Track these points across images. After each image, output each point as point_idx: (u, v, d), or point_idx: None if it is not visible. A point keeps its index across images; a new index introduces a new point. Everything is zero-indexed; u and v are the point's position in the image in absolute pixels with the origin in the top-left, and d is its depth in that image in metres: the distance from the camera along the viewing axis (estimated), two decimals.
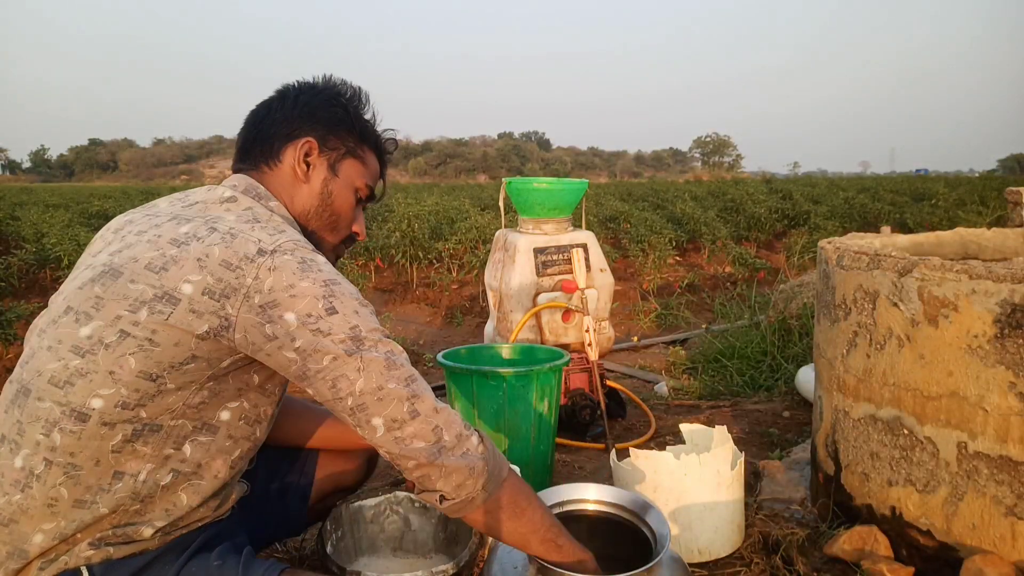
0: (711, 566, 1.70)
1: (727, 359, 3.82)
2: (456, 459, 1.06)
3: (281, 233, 1.09)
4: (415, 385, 1.07)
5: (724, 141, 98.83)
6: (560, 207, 3.05)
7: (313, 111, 1.24)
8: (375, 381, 1.04)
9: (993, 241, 2.14)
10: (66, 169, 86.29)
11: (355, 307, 1.06)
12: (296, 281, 1.03)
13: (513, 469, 1.16)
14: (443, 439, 1.06)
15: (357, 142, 1.28)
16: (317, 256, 1.08)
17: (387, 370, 1.05)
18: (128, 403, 1.03)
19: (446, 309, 6.51)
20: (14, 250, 7.99)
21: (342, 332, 1.03)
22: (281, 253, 1.05)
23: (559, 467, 2.48)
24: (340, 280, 1.08)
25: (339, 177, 1.26)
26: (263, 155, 1.24)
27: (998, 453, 1.42)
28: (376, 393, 1.04)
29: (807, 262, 8.43)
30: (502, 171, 63.69)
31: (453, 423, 1.08)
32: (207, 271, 1.03)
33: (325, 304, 1.03)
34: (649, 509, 1.23)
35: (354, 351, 1.03)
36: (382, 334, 1.07)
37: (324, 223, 1.26)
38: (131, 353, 1.02)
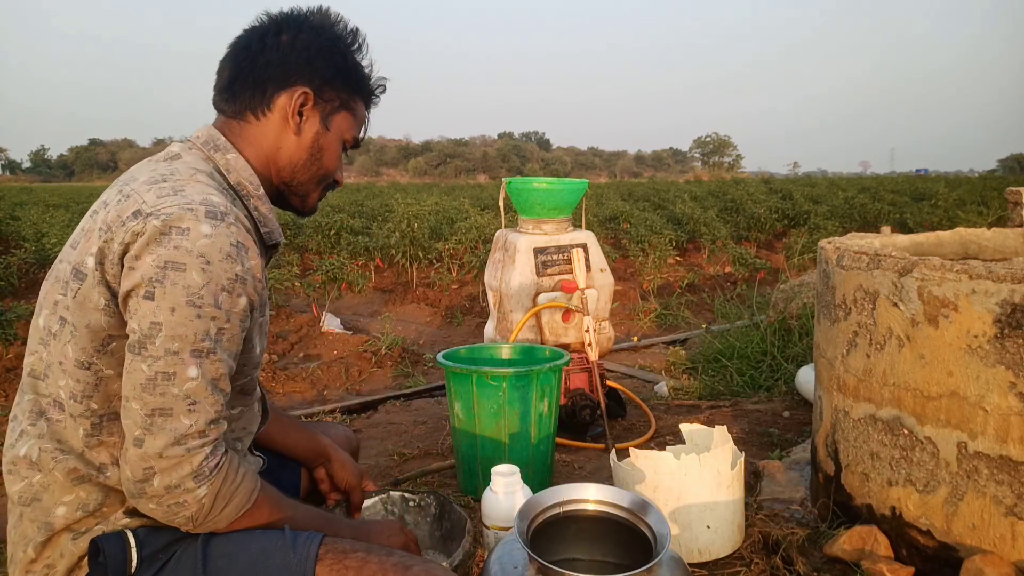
0: (711, 566, 1.70)
1: (727, 359, 3.82)
2: (153, 506, 0.99)
3: (177, 194, 1.00)
4: (157, 419, 0.95)
5: (724, 141, 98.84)
6: (560, 207, 3.05)
7: (312, 58, 1.16)
8: (128, 388, 0.97)
9: (993, 241, 2.14)
10: (66, 169, 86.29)
11: (178, 302, 0.95)
12: (144, 253, 0.96)
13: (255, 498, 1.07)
14: (150, 483, 0.96)
15: (351, 94, 1.22)
16: (199, 224, 0.97)
17: (140, 389, 0.95)
18: (76, 395, 1.03)
19: (446, 309, 6.51)
20: (14, 250, 7.99)
21: (141, 324, 0.95)
22: (155, 217, 0.97)
23: (559, 467, 2.48)
24: (191, 264, 0.96)
25: (330, 131, 1.21)
26: (252, 101, 1.16)
27: (998, 453, 1.42)
28: (126, 400, 0.97)
29: (807, 262, 8.43)
30: (502, 171, 63.68)
31: (173, 473, 0.96)
32: (100, 237, 1.00)
33: (148, 287, 0.95)
34: (649, 509, 1.23)
35: (133, 350, 0.96)
36: (184, 344, 0.96)
37: (310, 176, 1.22)
38: (67, 341, 1.02)
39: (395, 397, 3.70)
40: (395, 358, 4.59)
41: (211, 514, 1.01)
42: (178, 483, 0.97)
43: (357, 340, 4.93)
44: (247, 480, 1.06)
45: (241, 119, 1.17)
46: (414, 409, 3.40)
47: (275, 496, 1.13)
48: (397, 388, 4.03)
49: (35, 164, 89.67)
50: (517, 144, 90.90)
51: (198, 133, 1.17)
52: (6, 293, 6.39)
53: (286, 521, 1.12)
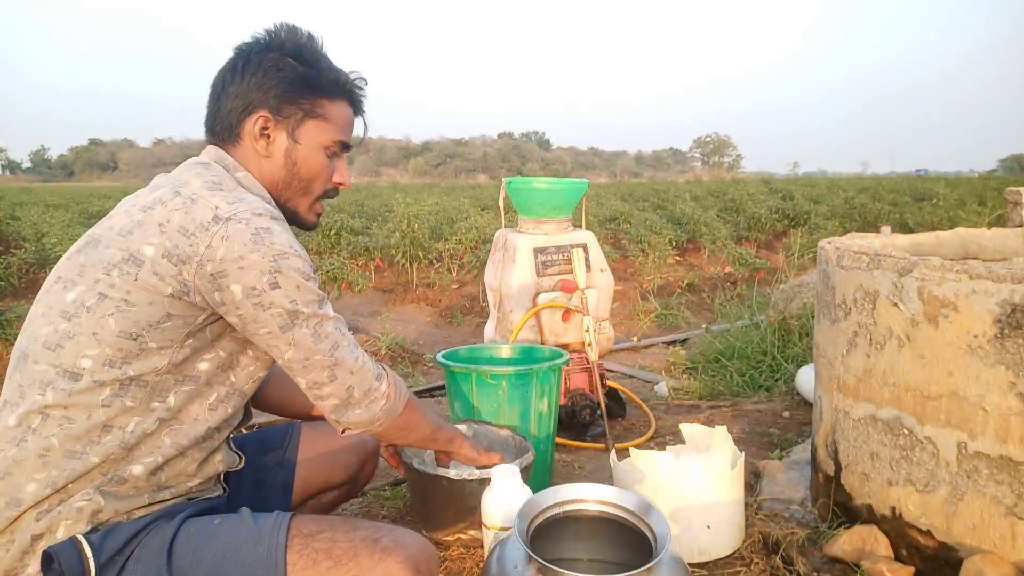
0: (711, 566, 1.70)
1: (727, 359, 3.82)
2: (359, 412, 1.23)
3: (240, 202, 1.13)
4: (338, 353, 1.18)
5: (724, 141, 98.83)
6: (560, 207, 3.05)
7: (261, 81, 1.23)
8: (302, 353, 1.16)
9: (993, 241, 2.14)
10: (66, 169, 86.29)
11: (298, 282, 1.13)
12: (247, 252, 1.09)
13: (411, 397, 1.35)
14: (353, 396, 1.21)
15: (313, 100, 1.26)
16: (274, 225, 1.13)
17: (314, 343, 1.15)
18: (114, 361, 1.09)
19: (446, 309, 6.51)
20: (14, 250, 7.99)
21: (280, 307, 1.12)
22: (236, 222, 1.09)
23: (559, 467, 2.48)
24: (290, 253, 1.12)
25: (300, 144, 1.26)
26: (224, 133, 1.26)
27: (998, 453, 1.42)
28: (303, 362, 1.16)
29: (807, 262, 8.43)
30: (502, 171, 63.66)
31: (364, 380, 1.22)
32: (166, 235, 1.10)
33: (270, 279, 1.10)
34: (649, 509, 1.23)
35: (288, 327, 1.13)
36: (319, 304, 1.16)
37: (295, 191, 1.29)
38: (110, 314, 1.09)
39: None
40: (395, 358, 4.59)
41: (394, 402, 1.27)
42: (369, 386, 1.22)
43: (357, 340, 4.93)
44: (395, 376, 1.31)
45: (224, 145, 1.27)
46: None
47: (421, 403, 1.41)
48: None
49: (35, 164, 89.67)
50: (517, 144, 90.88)
51: (207, 151, 1.27)
52: (6, 293, 6.40)
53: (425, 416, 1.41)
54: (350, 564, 1.09)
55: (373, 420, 1.24)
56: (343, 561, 1.09)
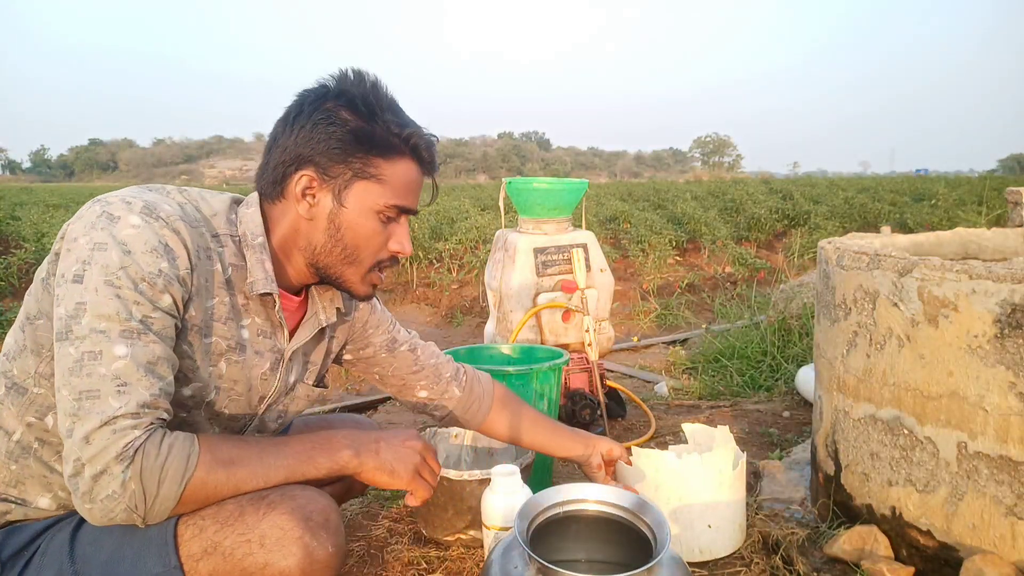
0: (711, 566, 1.70)
1: (727, 359, 3.82)
2: (89, 505, 0.92)
3: (137, 194, 1.03)
4: (85, 403, 0.91)
5: (724, 141, 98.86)
6: (560, 207, 3.05)
7: (311, 135, 1.10)
8: (58, 377, 0.94)
9: (993, 241, 2.14)
10: (66, 169, 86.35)
11: (99, 283, 0.94)
12: (79, 234, 0.99)
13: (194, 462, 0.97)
14: (82, 477, 0.91)
15: (366, 159, 1.11)
16: (129, 215, 0.98)
17: (68, 374, 0.93)
18: (9, 353, 1.06)
19: (446, 309, 6.51)
20: (14, 250, 7.99)
21: (67, 306, 0.95)
22: (96, 203, 1.01)
23: (559, 467, 2.48)
24: (113, 246, 0.95)
25: (347, 207, 1.12)
26: (269, 188, 1.15)
27: (998, 453, 1.42)
28: (58, 390, 0.94)
29: (807, 262, 8.43)
30: (502, 171, 63.67)
31: (99, 460, 0.90)
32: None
33: (77, 269, 0.96)
34: (649, 509, 1.23)
35: (60, 338, 0.95)
36: (110, 323, 0.93)
37: (336, 258, 1.15)
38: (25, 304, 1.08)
39: None
40: None
41: (148, 499, 0.92)
42: (103, 468, 0.90)
43: None
44: (176, 447, 0.95)
45: (266, 201, 1.17)
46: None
47: (230, 452, 1.01)
48: None
49: (35, 164, 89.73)
50: (517, 144, 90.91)
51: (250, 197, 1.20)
52: (6, 293, 6.40)
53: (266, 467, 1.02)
54: (236, 524, 0.99)
55: (109, 513, 0.93)
56: (229, 522, 0.99)
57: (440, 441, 1.92)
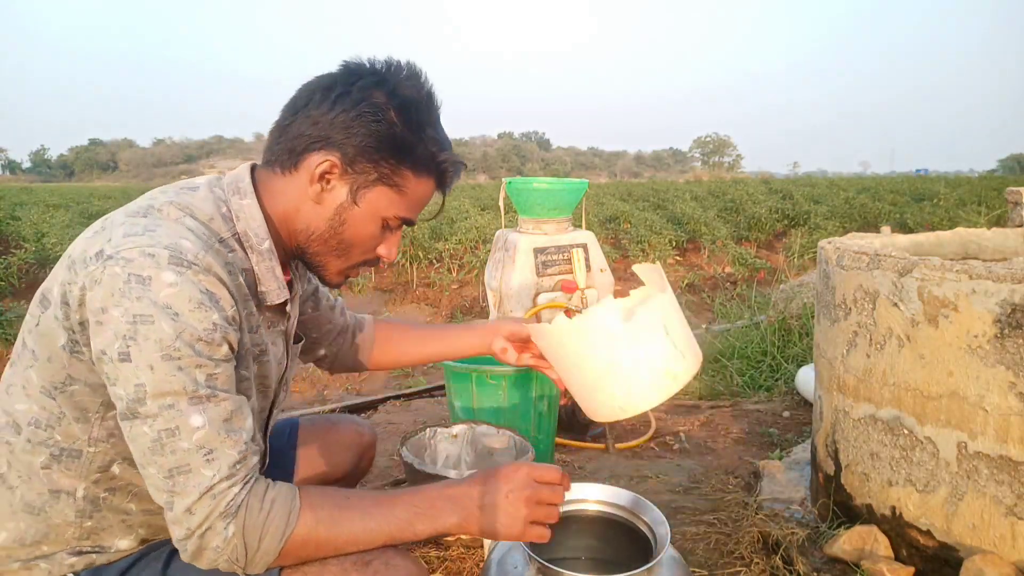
0: (711, 566, 1.70)
1: (727, 359, 3.82)
2: (203, 564, 0.94)
3: (145, 233, 0.93)
4: (178, 479, 0.90)
5: (724, 141, 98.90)
6: (560, 207, 3.05)
7: (351, 122, 1.03)
8: (139, 455, 0.92)
9: (993, 241, 2.14)
10: (66, 169, 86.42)
11: (154, 359, 0.89)
12: (109, 305, 0.89)
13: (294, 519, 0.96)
14: (190, 539, 0.92)
15: (395, 167, 1.06)
16: (165, 273, 0.90)
17: (150, 453, 0.90)
18: (39, 422, 0.99)
19: (446, 309, 6.51)
20: (14, 250, 8.00)
21: (126, 388, 0.90)
22: (114, 263, 0.90)
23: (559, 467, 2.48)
24: (159, 316, 0.89)
25: (359, 206, 1.07)
26: (281, 155, 1.08)
27: (998, 453, 1.42)
28: (142, 467, 0.93)
29: (807, 262, 8.44)
30: (502, 171, 63.69)
31: (204, 523, 0.91)
32: (68, 269, 0.95)
33: (121, 346, 0.89)
34: (649, 509, 1.23)
35: (127, 417, 0.91)
36: (177, 397, 0.90)
37: (330, 249, 1.11)
38: (29, 367, 0.98)
39: (395, 397, 3.70)
40: None
41: (249, 553, 0.93)
42: (209, 526, 0.91)
43: None
44: (278, 504, 0.95)
45: (270, 168, 1.10)
46: (414, 409, 3.40)
47: (331, 512, 0.99)
48: (397, 388, 4.03)
49: (35, 164, 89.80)
50: (517, 144, 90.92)
51: (233, 171, 1.11)
52: (6, 293, 6.40)
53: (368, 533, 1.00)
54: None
55: (211, 566, 0.94)
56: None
57: (440, 441, 1.92)
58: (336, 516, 0.99)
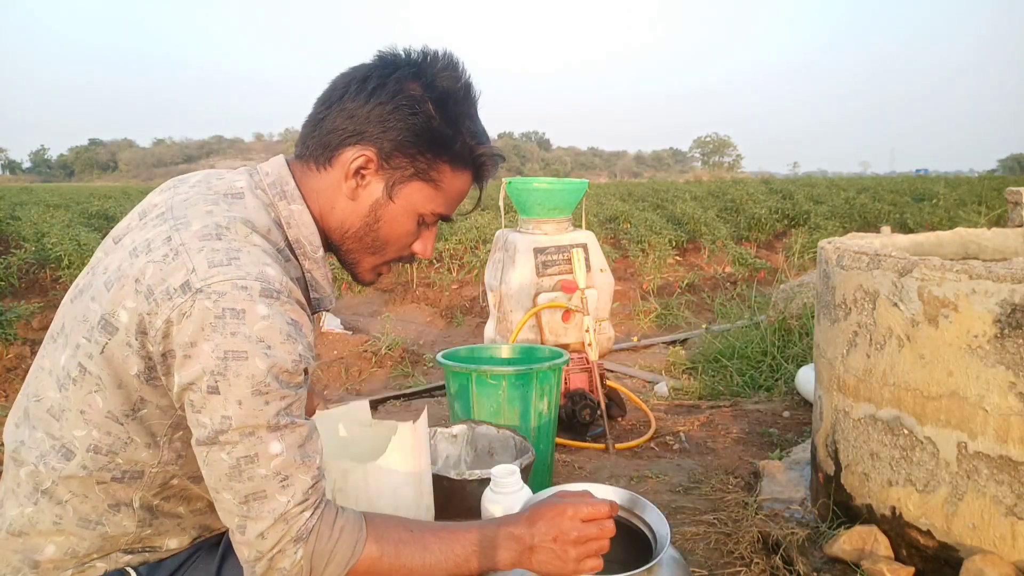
0: (711, 565, 1.70)
1: (727, 359, 3.82)
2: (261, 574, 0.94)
3: (231, 263, 0.91)
4: (253, 504, 0.91)
5: (724, 141, 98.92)
6: (560, 207, 3.05)
7: (387, 115, 1.00)
8: (213, 480, 0.93)
9: (993, 241, 2.14)
10: (66, 169, 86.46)
11: (243, 394, 0.88)
12: (200, 340, 0.88)
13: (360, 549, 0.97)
14: (260, 562, 0.93)
15: (432, 162, 1.03)
16: (257, 306, 0.89)
17: (227, 479, 0.91)
18: (100, 447, 0.97)
19: (446, 309, 6.51)
20: (14, 250, 7.99)
21: (212, 418, 0.90)
22: (205, 296, 0.88)
23: (559, 467, 2.48)
24: (252, 352, 0.88)
25: (395, 202, 1.05)
26: (316, 151, 1.05)
27: (998, 453, 1.42)
28: (215, 492, 0.94)
29: (807, 262, 8.43)
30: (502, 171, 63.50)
31: (276, 547, 0.92)
32: (140, 295, 0.91)
33: (210, 381, 0.88)
34: (649, 509, 1.23)
35: (206, 443, 0.91)
36: (268, 431, 0.90)
37: (364, 246, 1.09)
38: (93, 391, 0.96)
39: (395, 397, 3.70)
40: (395, 358, 4.60)
41: (315, 575, 0.95)
42: (280, 549, 0.92)
43: (357, 340, 4.94)
44: (346, 533, 0.96)
45: (304, 164, 1.07)
46: (414, 409, 3.40)
47: (396, 543, 1.00)
48: (397, 388, 4.03)
49: (35, 164, 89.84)
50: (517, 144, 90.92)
51: (268, 168, 1.07)
52: (6, 293, 6.40)
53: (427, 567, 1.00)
54: None
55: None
56: None
57: (440, 441, 1.92)
58: (399, 550, 1.00)
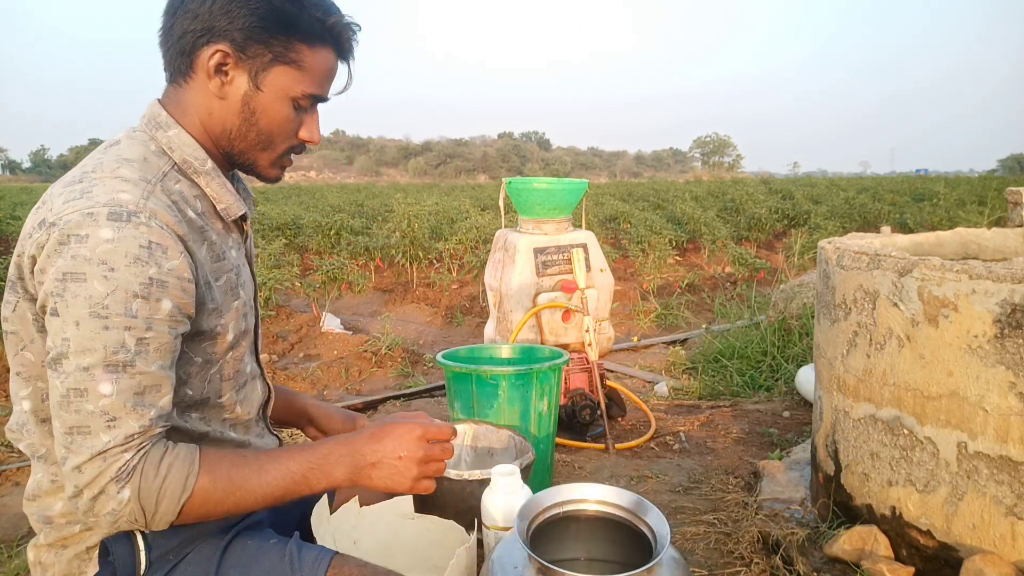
0: (711, 565, 1.70)
1: (727, 359, 3.82)
2: (91, 519, 0.94)
3: (84, 196, 0.93)
4: (76, 437, 0.91)
5: (724, 141, 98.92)
6: (560, 207, 3.05)
7: (228, 6, 1.00)
8: (51, 406, 0.94)
9: (993, 241, 2.14)
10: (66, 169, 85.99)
11: (80, 315, 0.89)
12: (47, 266, 0.92)
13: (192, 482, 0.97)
14: (81, 498, 0.93)
15: (287, 43, 1.04)
16: (98, 230, 0.90)
17: (58, 407, 0.92)
18: (45, 404, 1.02)
19: (446, 309, 6.51)
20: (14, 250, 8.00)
21: (51, 341, 0.92)
22: (56, 227, 0.91)
23: (559, 467, 2.48)
24: (90, 274, 0.89)
25: (264, 91, 1.05)
26: (176, 61, 1.05)
27: (998, 453, 1.42)
28: (53, 416, 0.94)
29: (807, 262, 8.43)
30: (502, 171, 63.70)
31: (95, 484, 0.92)
32: (19, 249, 0.98)
33: (51, 304, 0.90)
34: (649, 509, 1.23)
35: (50, 366, 0.92)
36: (93, 359, 0.90)
37: (252, 143, 1.09)
38: (22, 349, 1.01)
39: (395, 397, 3.70)
40: (395, 358, 4.59)
41: (148, 515, 0.94)
42: (100, 490, 0.92)
43: (357, 340, 4.93)
44: (175, 470, 0.96)
45: (174, 83, 1.07)
46: (414, 409, 3.40)
47: (228, 472, 1.00)
48: (397, 388, 4.03)
49: (35, 164, 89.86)
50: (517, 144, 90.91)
51: (144, 112, 1.09)
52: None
53: (264, 486, 1.01)
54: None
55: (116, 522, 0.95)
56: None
57: None
58: (233, 475, 1.00)
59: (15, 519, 2.32)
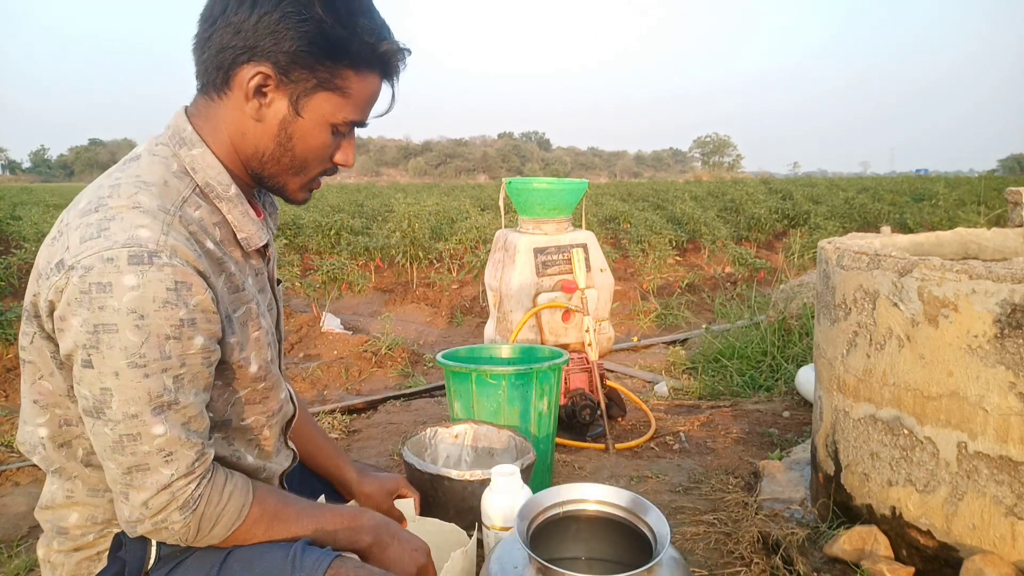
0: (711, 565, 1.70)
1: (727, 359, 3.82)
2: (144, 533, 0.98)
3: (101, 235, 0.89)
4: (136, 475, 0.93)
5: (724, 141, 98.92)
6: (560, 207, 3.05)
7: (276, 26, 0.94)
8: (99, 450, 0.94)
9: (993, 241, 2.14)
10: (66, 169, 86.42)
11: (119, 366, 0.88)
12: (68, 315, 0.88)
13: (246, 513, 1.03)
14: (143, 523, 0.96)
15: (334, 69, 0.98)
16: (121, 277, 0.87)
17: (112, 451, 0.92)
18: (70, 420, 1.02)
19: (446, 309, 6.51)
20: (14, 250, 8.00)
21: (88, 391, 0.90)
22: (75, 272, 0.87)
23: (559, 467, 2.48)
24: (123, 324, 0.87)
25: (304, 117, 1.00)
26: (210, 76, 1.00)
27: (998, 453, 1.42)
28: (102, 459, 0.95)
29: (807, 262, 8.43)
30: (502, 171, 63.70)
31: (162, 513, 0.95)
32: (36, 281, 0.96)
33: (83, 355, 0.89)
34: (649, 509, 1.23)
35: (90, 415, 0.92)
36: (140, 406, 0.90)
37: (283, 167, 1.05)
38: (39, 378, 1.00)
39: (395, 397, 3.70)
40: (395, 358, 4.59)
41: (201, 536, 1.00)
42: (164, 518, 0.96)
43: (357, 340, 4.93)
44: (234, 498, 1.01)
45: (206, 95, 1.03)
46: (414, 409, 3.40)
47: (275, 507, 1.07)
48: (397, 388, 4.03)
49: (35, 164, 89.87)
50: (517, 144, 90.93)
51: (169, 122, 1.05)
52: (6, 293, 6.39)
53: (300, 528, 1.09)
54: None
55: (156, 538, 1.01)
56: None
57: (440, 441, 1.92)
58: (278, 512, 1.08)
59: (15, 519, 2.32)
